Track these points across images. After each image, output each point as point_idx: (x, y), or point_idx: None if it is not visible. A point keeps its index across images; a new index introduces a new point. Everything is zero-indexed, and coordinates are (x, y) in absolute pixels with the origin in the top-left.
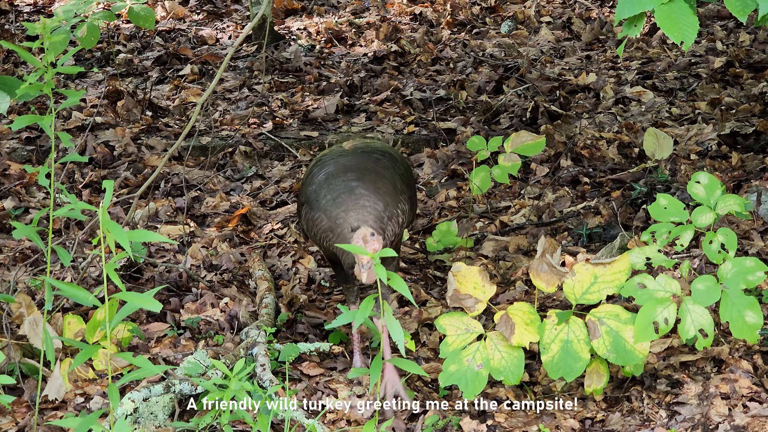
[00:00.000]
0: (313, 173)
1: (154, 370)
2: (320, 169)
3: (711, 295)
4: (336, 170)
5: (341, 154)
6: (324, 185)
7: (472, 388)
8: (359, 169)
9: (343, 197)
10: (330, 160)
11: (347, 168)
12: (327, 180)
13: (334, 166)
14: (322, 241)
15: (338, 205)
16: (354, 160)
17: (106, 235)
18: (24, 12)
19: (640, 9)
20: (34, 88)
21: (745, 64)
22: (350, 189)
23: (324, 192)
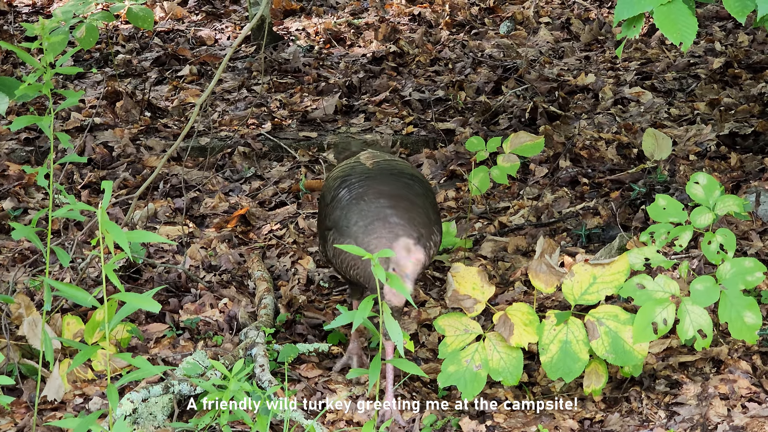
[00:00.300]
0: (340, 196)
1: (153, 370)
2: (347, 192)
3: (710, 295)
4: (366, 194)
5: (367, 174)
6: (354, 210)
7: (471, 389)
8: (392, 196)
9: (377, 225)
10: (356, 182)
11: (380, 193)
12: (357, 204)
13: (363, 188)
14: (348, 269)
15: (370, 233)
16: (385, 184)
17: (105, 235)
18: (23, 13)
19: (639, 10)
20: (33, 89)
21: (744, 64)
22: (384, 217)
23: (355, 218)
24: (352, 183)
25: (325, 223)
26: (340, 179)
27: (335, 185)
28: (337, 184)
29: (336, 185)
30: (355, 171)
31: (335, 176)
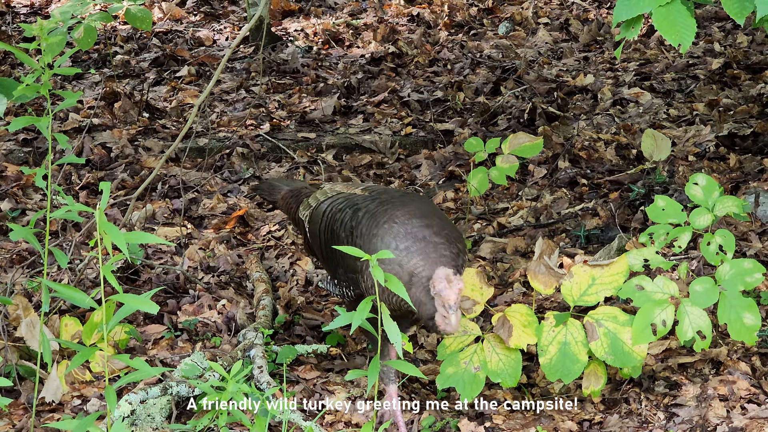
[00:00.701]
0: (361, 227)
1: (152, 372)
2: (371, 219)
3: (709, 296)
4: (395, 217)
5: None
6: (389, 234)
7: (469, 390)
8: (423, 215)
9: (419, 246)
10: (374, 209)
11: (410, 214)
12: (391, 229)
13: (387, 214)
14: (391, 297)
15: (414, 254)
16: (406, 204)
17: (104, 236)
18: (21, 13)
19: (638, 11)
20: (31, 90)
21: (743, 65)
22: (423, 237)
23: (394, 242)
24: (370, 211)
25: (347, 261)
26: (347, 211)
27: (343, 219)
28: (345, 216)
29: (345, 218)
30: (357, 201)
31: (330, 212)
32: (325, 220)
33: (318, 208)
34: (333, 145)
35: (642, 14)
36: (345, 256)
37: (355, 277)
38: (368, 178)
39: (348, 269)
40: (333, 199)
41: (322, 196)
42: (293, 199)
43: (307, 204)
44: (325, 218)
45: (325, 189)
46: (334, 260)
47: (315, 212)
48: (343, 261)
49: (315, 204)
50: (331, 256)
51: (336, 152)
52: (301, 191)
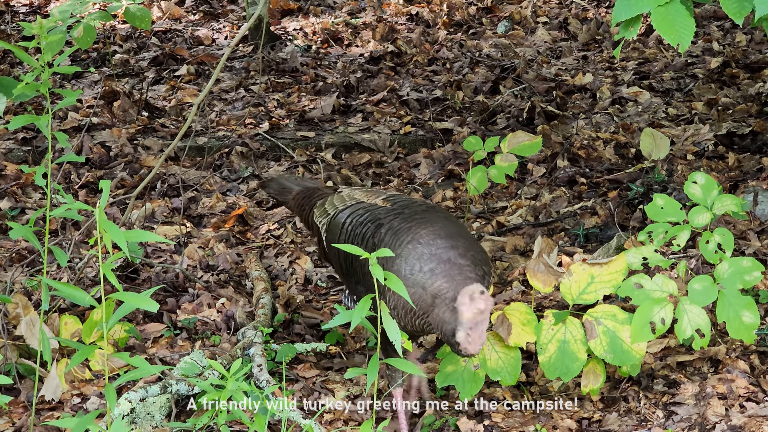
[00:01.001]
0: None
1: (151, 370)
2: (394, 238)
3: (708, 295)
4: (419, 236)
5: (400, 214)
6: (413, 255)
7: (469, 389)
8: (449, 235)
9: (443, 267)
10: (397, 225)
11: (434, 234)
12: (415, 249)
13: (411, 232)
14: (415, 318)
15: (439, 276)
16: (430, 222)
17: (103, 235)
18: (20, 12)
19: (637, 11)
20: (31, 88)
21: (742, 64)
22: (448, 259)
23: (418, 264)
24: (393, 228)
25: (368, 279)
26: (368, 225)
27: (364, 234)
28: (366, 232)
29: (367, 234)
30: (379, 215)
31: (351, 224)
32: (344, 233)
33: (337, 217)
34: (332, 144)
35: (641, 14)
36: (366, 274)
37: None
38: (367, 177)
39: (370, 288)
40: (353, 210)
41: (339, 203)
42: (306, 201)
43: (323, 210)
44: (345, 231)
45: (343, 195)
46: (353, 277)
47: (333, 222)
48: (364, 279)
49: (333, 212)
50: (350, 272)
51: (335, 151)
52: (314, 193)
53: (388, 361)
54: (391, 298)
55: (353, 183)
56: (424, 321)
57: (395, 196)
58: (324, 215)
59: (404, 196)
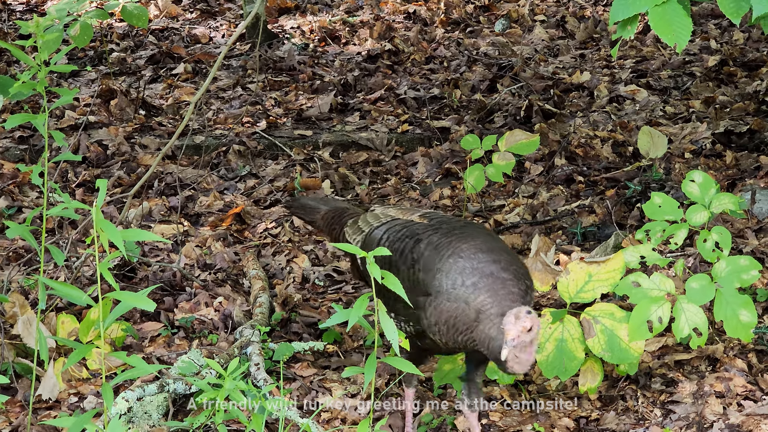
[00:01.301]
0: (425, 259)
1: (148, 369)
2: (434, 252)
3: (705, 293)
4: (460, 251)
5: (439, 229)
6: (455, 270)
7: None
8: (491, 249)
9: (486, 282)
10: (437, 240)
11: (476, 248)
12: (456, 263)
13: (451, 246)
14: (458, 335)
15: (482, 291)
16: (471, 237)
17: (100, 234)
18: (17, 11)
19: (635, 11)
20: (28, 87)
21: (739, 62)
22: (491, 273)
23: (460, 278)
24: (432, 243)
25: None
26: (407, 241)
27: (403, 250)
28: (405, 247)
29: (405, 250)
30: (417, 230)
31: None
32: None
33: (372, 234)
34: (329, 143)
35: (638, 14)
36: (409, 290)
37: (417, 313)
38: (365, 176)
39: (413, 303)
40: (389, 226)
41: (374, 220)
42: (335, 220)
43: (357, 228)
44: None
45: (376, 212)
46: (392, 292)
47: (369, 238)
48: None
49: (368, 229)
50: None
51: (332, 150)
52: (344, 212)
53: (386, 359)
54: (432, 314)
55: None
56: (467, 337)
57: (431, 213)
58: (358, 233)
59: (440, 213)
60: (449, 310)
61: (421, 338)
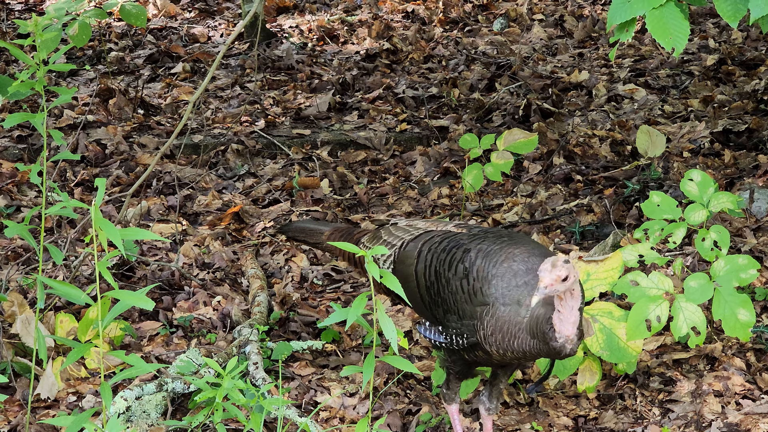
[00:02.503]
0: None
1: (147, 368)
2: (486, 262)
3: (704, 292)
4: (512, 256)
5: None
6: (509, 274)
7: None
8: (544, 254)
9: (535, 281)
10: (487, 247)
11: (529, 252)
12: (510, 268)
13: (502, 253)
14: (512, 340)
15: (533, 288)
16: (520, 243)
17: (99, 233)
18: (15, 10)
19: (632, 14)
20: (26, 86)
21: (738, 61)
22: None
23: (514, 281)
24: (483, 251)
25: (462, 306)
26: (454, 251)
27: (451, 260)
28: (453, 257)
29: (454, 260)
30: (461, 240)
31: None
32: (423, 261)
33: (406, 248)
34: (328, 142)
35: (636, 17)
36: (458, 301)
37: (472, 323)
38: (363, 175)
39: (465, 315)
40: (426, 238)
41: (402, 233)
42: (346, 239)
43: (383, 243)
44: (424, 259)
45: (401, 225)
46: (441, 306)
47: (403, 253)
48: (456, 306)
49: (399, 243)
50: (437, 301)
51: (331, 149)
52: (353, 230)
53: (384, 358)
54: (489, 323)
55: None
56: (520, 339)
57: (463, 224)
58: (388, 247)
59: (473, 224)
60: (504, 314)
61: (471, 351)
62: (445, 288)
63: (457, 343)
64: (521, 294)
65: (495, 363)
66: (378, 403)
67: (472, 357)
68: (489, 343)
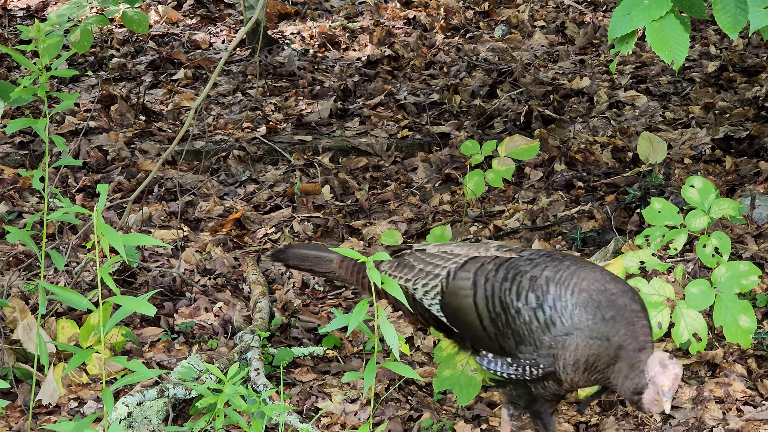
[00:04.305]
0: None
1: (148, 374)
2: (561, 289)
3: (705, 299)
4: (591, 284)
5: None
6: (591, 305)
7: (466, 393)
8: (615, 279)
9: (622, 315)
10: (554, 274)
11: (596, 280)
12: (589, 299)
13: (573, 279)
14: (593, 373)
15: (620, 326)
16: (587, 269)
17: (100, 239)
18: (17, 17)
19: (633, 27)
20: (28, 92)
21: (739, 68)
22: (622, 305)
23: (600, 313)
24: (551, 279)
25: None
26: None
27: (518, 289)
28: (520, 287)
29: (521, 289)
30: (522, 266)
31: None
32: (483, 291)
33: (457, 278)
34: (329, 148)
35: (636, 29)
36: (534, 332)
37: (550, 353)
38: (365, 181)
39: (542, 345)
40: (476, 266)
41: (444, 261)
42: (360, 267)
43: (419, 272)
44: (484, 289)
45: (432, 252)
46: (512, 337)
47: (453, 284)
48: (532, 337)
49: (444, 273)
50: (505, 332)
51: (332, 155)
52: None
53: (386, 364)
54: (572, 354)
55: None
56: (602, 375)
57: (505, 246)
58: (428, 277)
59: (520, 246)
60: (591, 347)
61: (540, 381)
62: (515, 319)
63: (530, 374)
64: (610, 330)
65: (564, 391)
66: (379, 410)
67: (539, 387)
68: (566, 373)
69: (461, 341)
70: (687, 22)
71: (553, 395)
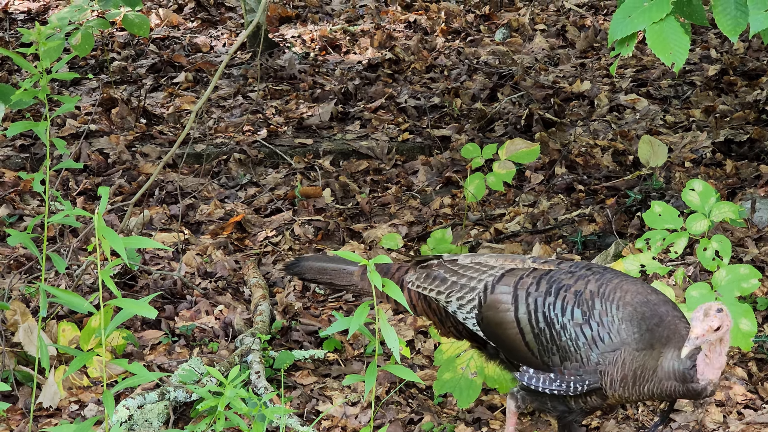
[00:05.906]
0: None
1: (149, 377)
2: (607, 305)
3: (705, 302)
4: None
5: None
6: (636, 318)
7: (466, 396)
8: (654, 291)
9: (664, 322)
10: (598, 288)
11: (645, 292)
12: (633, 312)
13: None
14: (643, 384)
15: (663, 333)
16: (625, 281)
17: (101, 241)
18: (18, 20)
19: (633, 29)
20: (29, 95)
21: (740, 71)
22: (662, 314)
23: (645, 324)
24: (595, 293)
25: (584, 353)
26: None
27: (564, 305)
28: (565, 302)
29: (566, 305)
30: (564, 280)
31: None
32: (525, 305)
33: (495, 292)
34: (330, 151)
35: (636, 32)
36: (581, 348)
37: (597, 369)
38: (365, 184)
39: (589, 361)
40: (514, 280)
41: (479, 274)
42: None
43: (452, 285)
44: (526, 303)
45: (464, 263)
46: (558, 353)
47: (492, 297)
48: (579, 353)
49: (481, 286)
50: (549, 348)
51: (333, 158)
52: (390, 268)
53: (386, 367)
54: (619, 370)
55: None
56: (653, 383)
57: (540, 258)
58: (463, 290)
59: (548, 257)
60: (637, 359)
61: (584, 397)
62: (561, 335)
63: (574, 390)
64: (653, 338)
65: (601, 406)
66: (380, 413)
67: (580, 402)
68: (614, 389)
69: (495, 354)
70: (687, 24)
71: (592, 408)
